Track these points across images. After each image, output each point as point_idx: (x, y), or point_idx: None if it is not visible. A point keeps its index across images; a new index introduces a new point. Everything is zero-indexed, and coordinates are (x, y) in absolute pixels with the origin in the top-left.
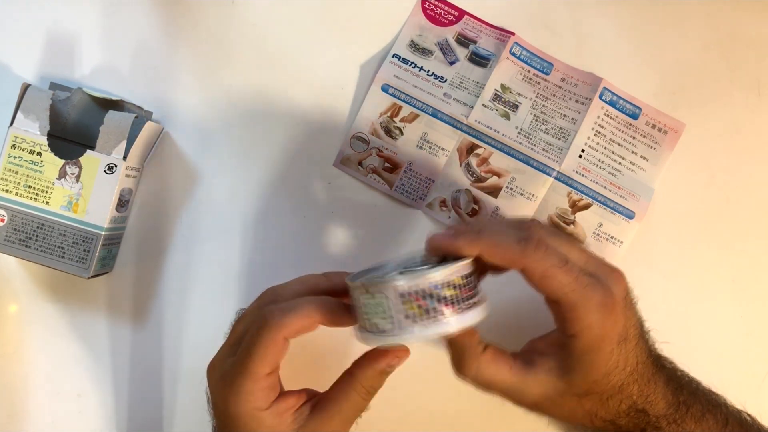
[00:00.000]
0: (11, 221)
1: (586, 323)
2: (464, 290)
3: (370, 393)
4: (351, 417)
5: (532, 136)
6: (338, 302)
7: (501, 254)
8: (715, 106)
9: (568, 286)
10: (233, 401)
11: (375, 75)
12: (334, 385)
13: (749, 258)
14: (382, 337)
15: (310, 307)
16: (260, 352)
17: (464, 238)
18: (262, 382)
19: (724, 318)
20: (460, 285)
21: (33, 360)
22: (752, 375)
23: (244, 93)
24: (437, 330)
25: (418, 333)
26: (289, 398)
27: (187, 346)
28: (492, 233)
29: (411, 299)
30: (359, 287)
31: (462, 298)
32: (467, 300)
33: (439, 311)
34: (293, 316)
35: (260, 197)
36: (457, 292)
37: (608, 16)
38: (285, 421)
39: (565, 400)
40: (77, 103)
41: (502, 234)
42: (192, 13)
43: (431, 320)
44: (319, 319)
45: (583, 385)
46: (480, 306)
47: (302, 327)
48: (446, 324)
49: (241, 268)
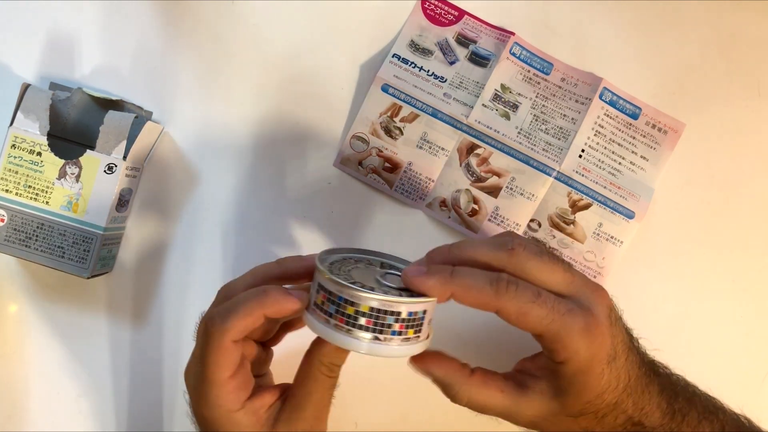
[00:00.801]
0: (11, 221)
1: (573, 350)
2: (420, 323)
3: (332, 369)
4: (322, 398)
5: (532, 136)
6: (280, 290)
7: (474, 297)
8: (715, 106)
9: (546, 318)
10: (205, 407)
11: (375, 75)
12: (298, 370)
13: (749, 258)
14: (329, 332)
15: (250, 303)
16: (212, 360)
17: (437, 279)
18: (227, 386)
19: (724, 318)
20: (417, 319)
21: (33, 360)
22: (752, 375)
23: (244, 93)
24: (382, 351)
25: (365, 347)
26: (264, 395)
27: (187, 346)
28: (464, 275)
29: (372, 314)
30: (331, 282)
31: (415, 329)
32: (417, 332)
33: (389, 336)
34: (232, 319)
35: (260, 197)
36: (413, 324)
37: (608, 16)
38: (260, 419)
39: (560, 420)
40: (77, 103)
41: (474, 275)
42: (192, 13)
43: (381, 342)
44: (261, 312)
45: (576, 406)
46: (423, 342)
47: (245, 326)
48: (391, 349)
49: (240, 268)
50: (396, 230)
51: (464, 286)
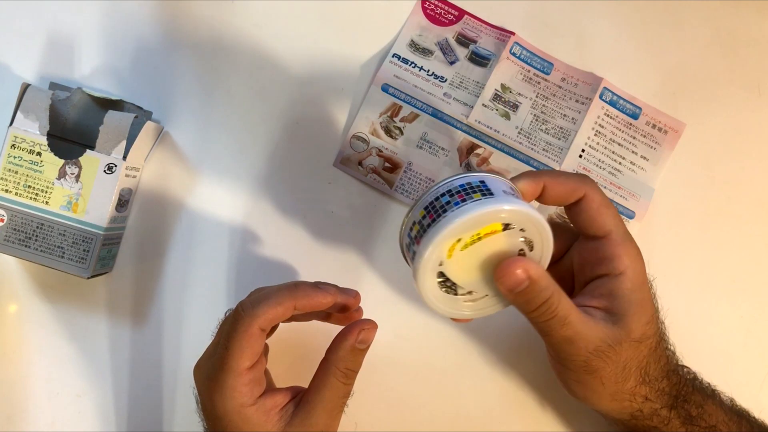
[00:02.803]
0: (11, 221)
1: (631, 259)
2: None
3: (348, 375)
4: (335, 404)
5: (532, 136)
6: (311, 284)
7: (563, 182)
8: (715, 106)
9: (619, 219)
10: (218, 399)
11: (375, 75)
12: (314, 376)
13: (749, 258)
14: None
15: (282, 293)
16: (236, 345)
17: (527, 176)
18: (244, 377)
19: (724, 318)
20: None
21: (32, 360)
22: (752, 375)
23: (244, 93)
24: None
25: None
26: (276, 395)
27: (187, 346)
28: (549, 170)
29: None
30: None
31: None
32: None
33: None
34: (264, 306)
35: (260, 197)
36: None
37: (608, 16)
38: (272, 419)
39: (623, 349)
40: (77, 103)
41: (559, 171)
42: (192, 13)
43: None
44: (291, 304)
45: (638, 329)
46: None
47: (275, 315)
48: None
49: (240, 268)
50: (396, 230)
51: (553, 175)
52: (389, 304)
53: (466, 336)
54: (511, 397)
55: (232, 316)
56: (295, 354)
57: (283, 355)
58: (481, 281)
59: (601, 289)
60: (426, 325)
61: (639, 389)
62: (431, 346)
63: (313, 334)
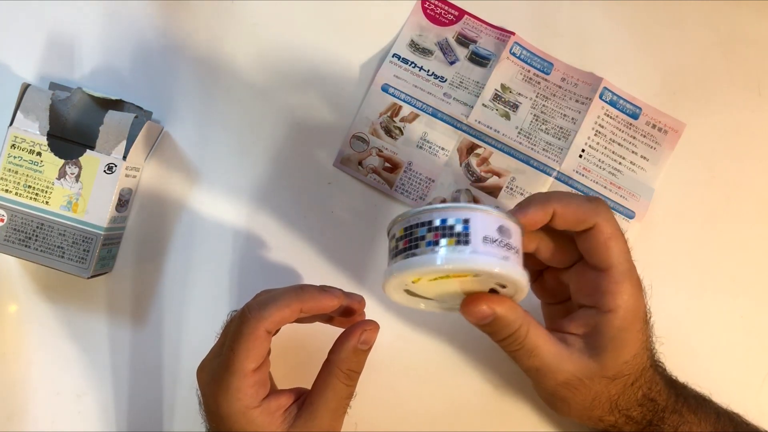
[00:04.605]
0: (11, 221)
1: (626, 297)
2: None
3: (351, 376)
4: (338, 405)
5: (532, 136)
6: (317, 287)
7: (574, 210)
8: (716, 106)
9: (625, 254)
10: (223, 400)
11: (375, 75)
12: (316, 378)
13: (749, 258)
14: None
15: (288, 296)
16: (243, 347)
17: (535, 203)
18: (250, 379)
19: (724, 318)
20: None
21: (33, 360)
22: (752, 375)
23: (244, 93)
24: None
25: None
26: (280, 397)
27: (187, 346)
28: (561, 194)
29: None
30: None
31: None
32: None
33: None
34: (271, 308)
35: (260, 197)
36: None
37: (608, 16)
38: (275, 420)
39: (594, 383)
40: (77, 103)
41: (571, 194)
42: (192, 13)
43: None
44: (298, 306)
45: (614, 367)
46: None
47: (282, 317)
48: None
49: (240, 268)
50: None
51: (564, 201)
52: (390, 305)
53: (466, 337)
54: (511, 398)
55: (238, 317)
56: (297, 355)
57: (285, 356)
58: (449, 298)
59: (587, 319)
60: (426, 325)
61: (607, 417)
62: (432, 346)
63: (315, 335)
